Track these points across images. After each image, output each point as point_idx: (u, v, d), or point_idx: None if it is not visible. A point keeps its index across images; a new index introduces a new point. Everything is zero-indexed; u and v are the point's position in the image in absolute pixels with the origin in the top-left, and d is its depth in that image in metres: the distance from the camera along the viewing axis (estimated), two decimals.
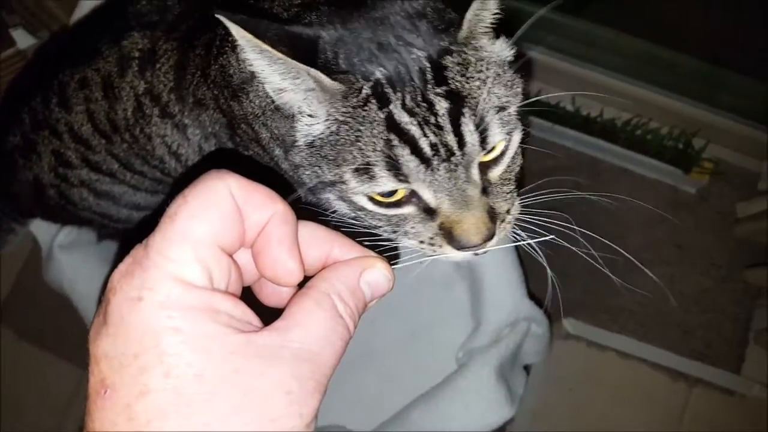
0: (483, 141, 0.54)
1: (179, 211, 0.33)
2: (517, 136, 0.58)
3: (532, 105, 0.59)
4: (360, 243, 0.41)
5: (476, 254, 0.58)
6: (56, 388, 1.26)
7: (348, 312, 0.36)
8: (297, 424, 0.31)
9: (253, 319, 0.34)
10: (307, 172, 0.59)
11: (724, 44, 1.23)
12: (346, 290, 0.37)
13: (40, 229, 1.13)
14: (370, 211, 0.58)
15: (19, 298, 1.30)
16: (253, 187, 0.35)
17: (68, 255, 1.09)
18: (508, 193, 0.59)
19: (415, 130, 0.52)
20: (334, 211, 0.62)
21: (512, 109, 0.55)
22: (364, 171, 0.54)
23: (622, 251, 0.69)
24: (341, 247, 0.40)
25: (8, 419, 1.19)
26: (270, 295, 0.40)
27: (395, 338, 1.05)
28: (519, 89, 0.57)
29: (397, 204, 0.56)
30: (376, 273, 0.39)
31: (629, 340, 1.30)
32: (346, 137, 0.54)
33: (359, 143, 0.53)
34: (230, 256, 0.35)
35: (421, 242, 0.59)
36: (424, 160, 0.53)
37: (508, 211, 0.59)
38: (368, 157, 0.53)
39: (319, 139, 0.56)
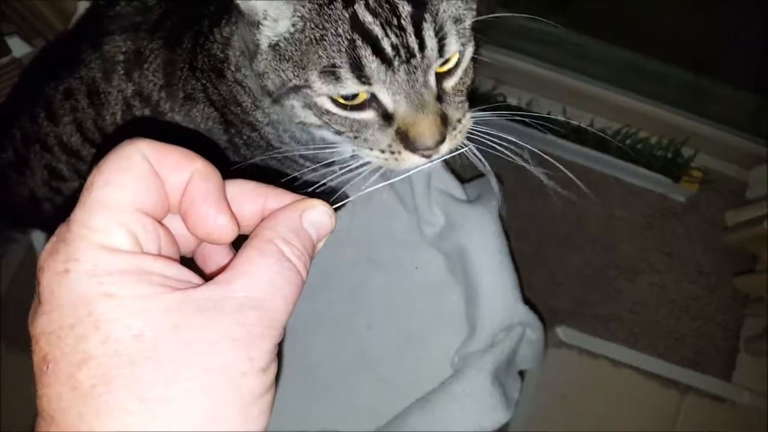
0: (441, 48, 0.56)
1: (95, 182, 0.33)
2: (469, 51, 0.61)
3: (518, 111, 0.61)
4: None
5: (431, 161, 0.61)
6: None
7: (296, 253, 0.36)
8: (248, 368, 0.31)
9: (193, 278, 0.34)
10: (271, 78, 0.60)
11: (713, 55, 1.26)
12: (290, 233, 0.36)
13: (39, 236, 1.12)
14: (334, 114, 0.59)
15: (11, 307, 1.29)
16: (167, 149, 0.35)
17: None
18: (459, 102, 0.62)
19: (377, 30, 0.53)
20: (300, 123, 0.64)
21: (468, 23, 0.58)
22: (330, 72, 0.55)
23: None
24: (275, 198, 0.39)
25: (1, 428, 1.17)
26: (216, 270, 0.40)
27: (390, 343, 1.04)
28: (474, 5, 0.60)
29: (359, 107, 0.58)
30: (316, 212, 0.38)
31: (621, 348, 1.30)
32: (312, 36, 0.54)
33: (324, 42, 0.54)
34: (159, 221, 0.35)
35: (382, 151, 0.61)
36: (386, 61, 0.54)
37: (459, 120, 0.62)
38: (333, 57, 0.54)
39: (284, 39, 0.57)
